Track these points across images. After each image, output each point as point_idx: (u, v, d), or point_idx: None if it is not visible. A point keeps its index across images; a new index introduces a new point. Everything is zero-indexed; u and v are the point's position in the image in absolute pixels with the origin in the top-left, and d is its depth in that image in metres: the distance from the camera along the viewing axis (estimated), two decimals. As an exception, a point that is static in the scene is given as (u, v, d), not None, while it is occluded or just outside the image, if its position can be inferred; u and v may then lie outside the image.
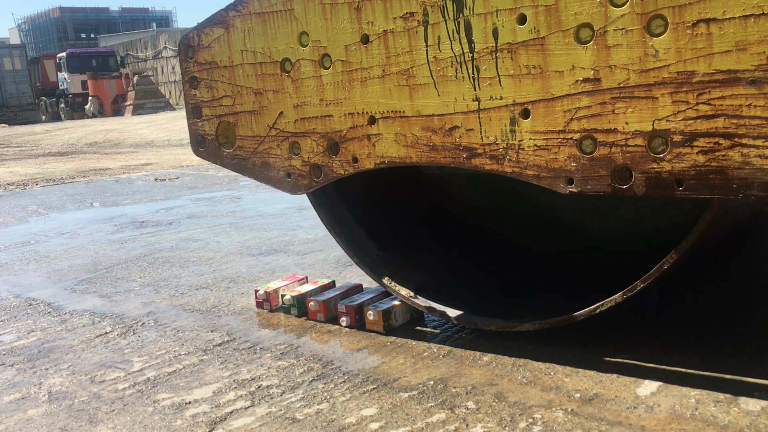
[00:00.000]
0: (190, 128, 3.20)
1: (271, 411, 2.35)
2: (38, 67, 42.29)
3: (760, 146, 1.85)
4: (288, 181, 2.92)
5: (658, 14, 1.94)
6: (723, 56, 1.87)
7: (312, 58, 2.71)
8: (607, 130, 2.10)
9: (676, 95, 1.96)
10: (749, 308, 2.94)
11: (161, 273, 4.38)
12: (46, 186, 9.84)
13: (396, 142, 2.57)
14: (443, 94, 2.41)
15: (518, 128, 2.27)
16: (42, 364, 2.96)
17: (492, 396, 2.33)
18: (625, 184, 2.10)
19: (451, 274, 3.29)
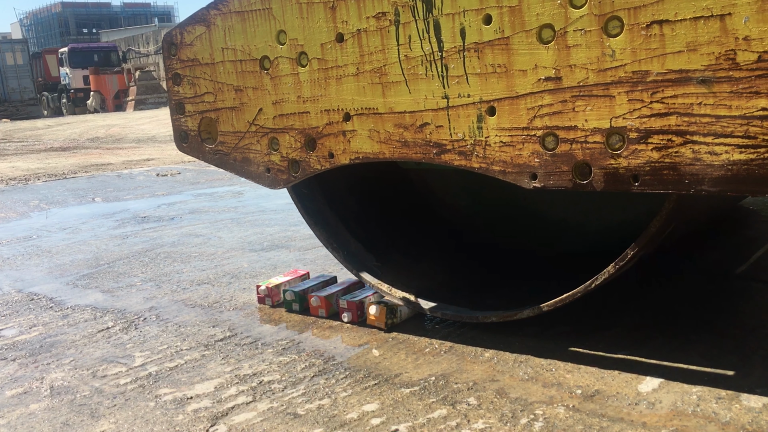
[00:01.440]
0: (174, 124, 3.27)
1: (273, 406, 2.35)
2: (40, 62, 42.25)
3: (710, 143, 1.93)
4: (267, 176, 3.00)
5: (614, 15, 2.01)
6: (675, 56, 1.94)
7: (289, 56, 2.78)
8: (567, 127, 2.17)
9: (632, 94, 2.03)
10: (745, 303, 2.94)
11: (163, 268, 4.39)
12: (47, 181, 9.84)
13: (370, 138, 2.63)
14: (414, 92, 2.48)
15: (485, 125, 2.34)
16: (44, 359, 2.97)
17: (493, 392, 2.33)
18: (584, 180, 2.18)
19: (447, 276, 3.31)
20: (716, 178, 1.94)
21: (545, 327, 2.85)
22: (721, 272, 3.40)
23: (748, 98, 1.86)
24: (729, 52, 1.86)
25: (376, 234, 3.33)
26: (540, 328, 2.84)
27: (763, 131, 1.86)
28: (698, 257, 3.69)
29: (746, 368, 2.35)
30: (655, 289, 3.24)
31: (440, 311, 2.93)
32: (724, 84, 1.89)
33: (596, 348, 2.61)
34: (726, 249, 3.83)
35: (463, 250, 3.62)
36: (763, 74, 1.83)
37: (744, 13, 1.82)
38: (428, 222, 3.74)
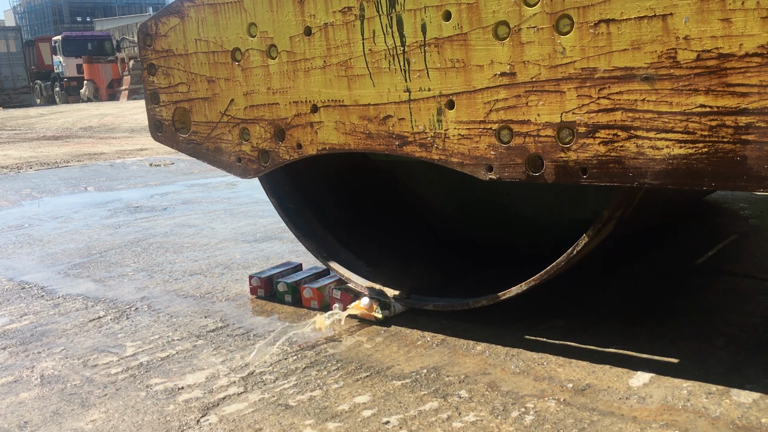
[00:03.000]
0: (149, 114, 3.34)
1: (264, 397, 2.35)
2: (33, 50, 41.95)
3: (653, 138, 2.01)
4: (239, 166, 3.07)
5: (565, 14, 2.09)
6: (621, 54, 2.02)
7: (260, 48, 2.84)
8: (521, 121, 2.25)
9: (581, 90, 2.11)
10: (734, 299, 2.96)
11: (155, 258, 4.37)
12: (40, 170, 9.79)
13: (336, 130, 2.71)
14: (378, 85, 2.56)
15: (444, 118, 2.42)
16: (34, 348, 2.95)
17: (485, 385, 2.34)
18: (537, 172, 2.26)
19: (437, 275, 3.33)
20: (658, 171, 2.02)
21: (538, 321, 2.86)
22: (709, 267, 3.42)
23: (687, 95, 1.94)
24: (670, 51, 1.94)
25: (365, 239, 3.39)
26: (532, 323, 2.85)
27: (701, 127, 1.93)
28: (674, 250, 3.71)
29: (737, 364, 2.36)
30: (643, 284, 3.25)
31: (402, 301, 2.98)
32: (665, 81, 1.96)
33: (588, 342, 2.62)
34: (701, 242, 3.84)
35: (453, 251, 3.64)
36: (701, 72, 1.91)
37: (684, 13, 1.90)
38: (416, 224, 3.79)
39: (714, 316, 2.80)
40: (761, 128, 1.86)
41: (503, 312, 2.97)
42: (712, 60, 1.89)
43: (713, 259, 3.57)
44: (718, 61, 1.88)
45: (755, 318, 2.74)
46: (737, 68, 1.86)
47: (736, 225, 4.27)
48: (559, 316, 2.89)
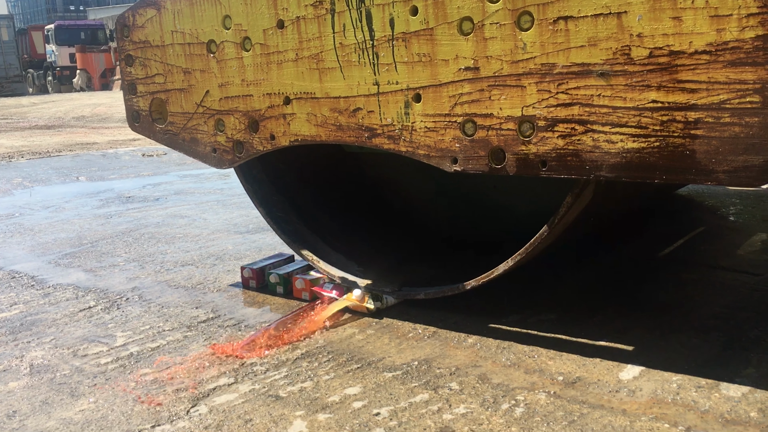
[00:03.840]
0: (126, 104, 3.40)
1: (255, 388, 2.35)
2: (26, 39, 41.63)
3: (608, 132, 2.08)
4: (214, 156, 3.13)
5: (526, 11, 2.15)
6: (578, 50, 2.08)
7: (234, 41, 2.90)
8: (485, 114, 2.31)
9: (541, 85, 2.17)
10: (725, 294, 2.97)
11: (147, 249, 4.35)
12: (31, 159, 9.73)
13: (308, 122, 2.76)
14: (348, 78, 2.61)
15: (411, 111, 2.48)
16: (24, 337, 2.94)
17: (475, 377, 2.34)
18: (499, 164, 2.32)
19: (429, 271, 3.35)
20: (613, 164, 2.09)
21: (529, 314, 2.86)
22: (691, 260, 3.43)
23: (640, 91, 2.00)
24: (624, 48, 2.00)
25: (355, 242, 3.42)
26: (524, 316, 2.85)
27: (653, 122, 2.00)
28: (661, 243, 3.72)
29: (726, 357, 2.37)
30: (633, 278, 3.26)
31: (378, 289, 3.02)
32: (620, 77, 2.03)
33: (579, 335, 2.62)
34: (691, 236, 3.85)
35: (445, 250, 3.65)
36: (654, 69, 1.97)
37: (638, 11, 1.96)
38: (407, 226, 3.84)
39: (704, 309, 2.81)
40: (709, 123, 1.92)
41: (495, 305, 2.98)
42: (664, 57, 1.95)
43: (703, 254, 3.58)
44: (669, 58, 1.94)
45: (745, 312, 2.75)
46: (687, 65, 1.92)
47: (727, 220, 4.28)
48: (550, 310, 2.90)
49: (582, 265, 3.52)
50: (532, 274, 3.42)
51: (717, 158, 1.93)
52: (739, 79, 1.86)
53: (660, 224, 4.28)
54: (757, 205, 4.61)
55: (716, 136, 1.92)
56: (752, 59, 1.84)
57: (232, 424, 2.12)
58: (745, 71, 1.85)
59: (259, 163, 3.35)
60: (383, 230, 3.68)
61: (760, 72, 1.83)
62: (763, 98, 1.84)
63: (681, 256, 3.57)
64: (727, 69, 1.88)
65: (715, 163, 1.93)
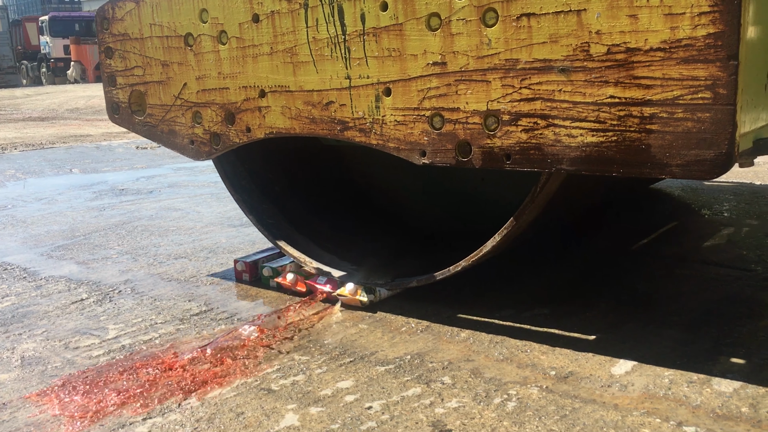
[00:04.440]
0: (106, 96, 3.44)
1: (247, 381, 2.34)
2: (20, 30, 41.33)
3: (568, 126, 2.13)
4: (191, 148, 3.18)
5: (491, 7, 2.20)
6: (540, 47, 2.13)
7: (211, 34, 2.94)
8: (452, 108, 2.37)
9: (505, 80, 2.23)
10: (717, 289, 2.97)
11: (140, 241, 4.34)
12: (25, 151, 9.68)
13: (282, 115, 2.81)
14: (321, 72, 2.66)
15: (382, 105, 2.53)
16: (15, 329, 2.93)
17: (468, 372, 2.34)
18: (465, 158, 2.38)
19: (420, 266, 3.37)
20: (573, 158, 2.15)
21: (522, 309, 2.86)
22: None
23: (599, 86, 2.05)
24: (584, 45, 2.06)
25: (347, 245, 3.44)
26: (517, 310, 2.85)
27: (611, 117, 2.05)
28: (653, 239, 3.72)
29: (718, 353, 2.38)
30: (625, 273, 3.27)
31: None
32: (579, 73, 2.08)
33: (572, 330, 2.62)
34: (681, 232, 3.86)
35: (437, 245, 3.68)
36: (611, 65, 2.02)
37: (596, 9, 2.01)
38: (399, 225, 3.87)
39: (697, 305, 2.82)
40: (663, 118, 1.98)
41: (488, 300, 2.98)
42: (621, 54, 2.01)
43: (695, 250, 3.59)
44: (626, 54, 2.00)
45: (737, 308, 2.76)
46: (643, 62, 1.98)
47: (721, 216, 4.29)
48: (543, 305, 2.90)
49: (575, 261, 3.52)
50: (521, 268, 3.43)
51: (671, 152, 1.99)
52: (692, 76, 1.92)
53: (652, 221, 4.29)
54: (751, 201, 4.62)
55: (670, 131, 1.98)
56: (704, 56, 1.89)
57: (223, 417, 2.11)
58: (697, 68, 1.91)
59: (246, 174, 3.44)
60: (374, 231, 3.71)
61: (711, 69, 1.89)
62: (714, 94, 1.90)
63: (673, 252, 3.58)
64: (680, 66, 1.93)
65: (669, 157, 2.00)
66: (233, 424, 2.07)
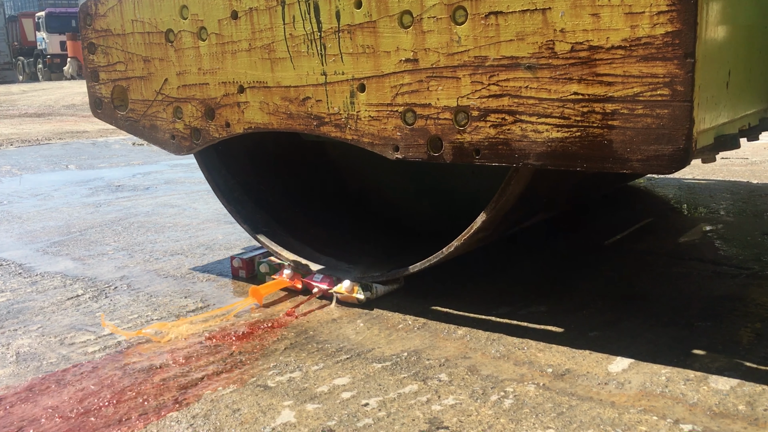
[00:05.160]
0: (89, 91, 3.49)
1: (243, 378, 2.33)
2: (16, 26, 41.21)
3: (534, 122, 2.18)
4: (173, 143, 3.22)
5: (460, 6, 2.24)
6: (507, 44, 2.18)
7: (191, 30, 2.98)
8: (423, 104, 2.41)
9: (474, 76, 2.27)
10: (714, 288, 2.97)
11: (136, 238, 4.32)
12: (21, 147, 9.65)
13: (261, 110, 2.85)
14: (298, 68, 2.70)
15: (356, 100, 2.57)
16: (11, 325, 2.91)
17: (465, 369, 2.33)
18: (437, 152, 2.41)
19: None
20: (539, 153, 2.19)
21: (519, 306, 2.86)
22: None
23: (563, 83, 2.10)
24: (549, 42, 2.10)
25: (342, 244, 3.47)
26: (514, 308, 2.85)
27: (575, 113, 2.10)
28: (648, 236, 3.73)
29: (715, 351, 2.37)
30: (622, 271, 3.26)
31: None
32: (545, 70, 2.12)
33: (569, 328, 2.62)
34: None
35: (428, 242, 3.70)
36: (575, 63, 2.07)
37: (561, 8, 2.06)
38: (392, 225, 3.89)
39: (694, 303, 2.81)
40: (624, 114, 2.02)
41: (485, 297, 2.98)
42: (584, 51, 2.05)
43: (692, 248, 3.59)
44: (588, 52, 2.04)
45: (735, 306, 2.76)
46: (605, 59, 2.02)
47: (717, 215, 4.29)
48: (540, 302, 2.89)
49: (571, 258, 3.52)
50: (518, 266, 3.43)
51: (631, 147, 2.04)
52: (651, 73, 1.96)
53: (647, 219, 4.29)
54: (748, 200, 4.63)
55: (630, 127, 2.02)
56: (662, 54, 1.93)
57: (220, 413, 2.10)
58: (656, 65, 1.95)
59: (239, 186, 3.48)
60: (370, 232, 3.72)
61: (669, 66, 1.93)
62: (672, 91, 1.94)
63: (670, 249, 3.58)
64: (640, 63, 1.97)
65: (630, 152, 2.04)
66: (229, 420, 2.06)
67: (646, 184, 5.32)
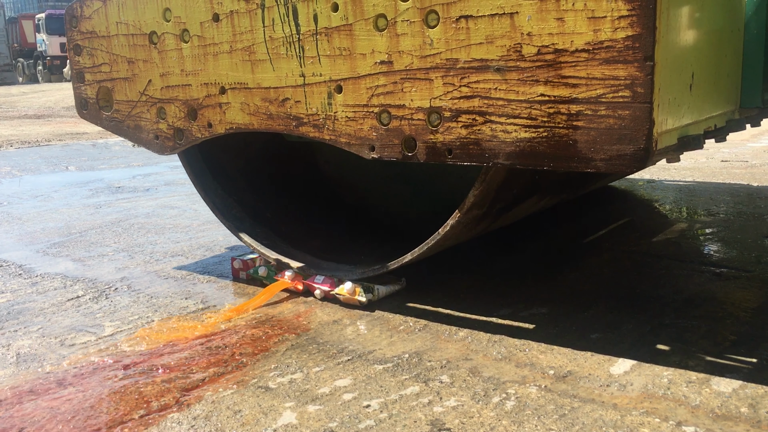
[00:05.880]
0: (75, 92, 3.54)
1: (244, 379, 2.33)
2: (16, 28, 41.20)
3: (504, 123, 2.24)
4: (156, 143, 3.28)
5: (432, 9, 2.31)
6: (477, 47, 2.24)
7: (174, 32, 3.04)
8: (398, 105, 2.47)
9: (446, 78, 2.33)
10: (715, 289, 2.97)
11: (136, 239, 4.32)
12: (21, 148, 9.65)
13: (241, 111, 2.91)
14: (277, 70, 2.76)
15: (334, 101, 2.63)
16: (11, 326, 2.91)
17: (466, 370, 2.33)
18: (411, 152, 2.47)
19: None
20: (509, 152, 2.25)
21: (520, 308, 2.85)
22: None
23: (530, 85, 2.16)
24: (516, 45, 2.16)
25: (343, 251, 3.48)
26: (515, 309, 2.84)
27: (542, 114, 2.16)
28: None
29: (717, 353, 2.37)
30: (624, 273, 3.26)
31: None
32: (513, 72, 2.19)
33: (570, 330, 2.62)
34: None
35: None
36: (542, 65, 2.13)
37: (527, 12, 2.12)
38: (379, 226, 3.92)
39: (695, 305, 2.81)
40: (588, 115, 2.08)
41: (486, 299, 2.97)
42: (550, 54, 2.11)
43: (693, 250, 3.59)
44: (554, 55, 2.10)
45: (737, 309, 2.76)
46: (569, 62, 2.08)
47: (717, 217, 4.29)
48: (541, 304, 2.89)
49: (571, 261, 3.52)
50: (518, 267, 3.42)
51: (595, 147, 2.09)
52: (613, 76, 2.02)
53: (648, 221, 4.29)
54: (748, 203, 4.63)
55: (594, 127, 2.08)
56: (623, 57, 1.99)
57: (221, 414, 2.10)
58: (617, 68, 2.01)
59: (237, 204, 3.53)
60: (366, 238, 3.74)
61: (630, 69, 1.99)
62: (633, 93, 2.00)
63: (671, 252, 3.58)
64: (602, 66, 2.03)
65: (594, 152, 2.10)
66: (230, 421, 2.06)
67: (645, 186, 5.32)
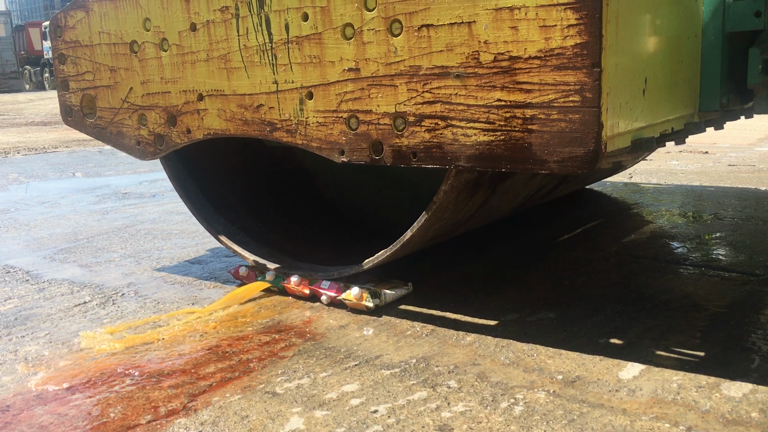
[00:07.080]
0: (60, 99, 3.70)
1: (251, 385, 2.32)
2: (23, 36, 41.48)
3: (464, 127, 2.33)
4: (138, 148, 3.39)
5: (396, 19, 2.40)
6: (438, 55, 2.33)
7: (154, 42, 3.14)
8: (365, 111, 2.56)
9: (410, 84, 2.42)
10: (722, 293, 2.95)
11: (143, 244, 4.32)
12: (27, 155, 9.69)
13: (219, 117, 3.01)
14: (252, 77, 2.85)
15: (305, 107, 2.72)
16: (18, 332, 2.91)
17: (474, 375, 2.32)
18: (378, 156, 2.57)
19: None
20: (469, 155, 2.34)
21: (528, 313, 2.84)
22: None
23: (488, 91, 2.25)
24: (474, 53, 2.26)
25: (341, 259, 3.48)
26: (523, 314, 2.83)
27: (499, 118, 2.26)
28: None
29: (727, 357, 2.35)
30: (631, 278, 3.25)
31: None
32: (472, 79, 2.28)
33: (578, 334, 2.60)
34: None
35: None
36: (498, 72, 2.22)
37: (484, 21, 2.21)
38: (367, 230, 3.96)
39: (705, 309, 2.79)
40: (541, 119, 2.18)
41: (494, 304, 2.96)
42: (506, 61, 2.20)
43: (699, 254, 3.57)
44: (509, 62, 2.20)
45: (746, 313, 2.74)
46: (523, 69, 2.17)
47: (724, 221, 4.27)
48: (548, 309, 2.88)
49: (578, 265, 3.50)
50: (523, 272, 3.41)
51: (549, 150, 2.19)
52: (563, 81, 2.11)
53: (654, 225, 4.27)
54: (756, 206, 4.61)
55: (547, 131, 2.18)
56: (573, 64, 2.08)
57: (228, 420, 2.09)
58: (567, 74, 2.10)
59: (239, 231, 3.57)
60: (365, 247, 3.77)
61: (579, 75, 2.08)
62: (582, 98, 2.09)
63: (679, 255, 3.56)
64: (554, 72, 2.12)
65: (548, 154, 2.19)
66: (238, 427, 2.05)
67: (652, 190, 5.31)
